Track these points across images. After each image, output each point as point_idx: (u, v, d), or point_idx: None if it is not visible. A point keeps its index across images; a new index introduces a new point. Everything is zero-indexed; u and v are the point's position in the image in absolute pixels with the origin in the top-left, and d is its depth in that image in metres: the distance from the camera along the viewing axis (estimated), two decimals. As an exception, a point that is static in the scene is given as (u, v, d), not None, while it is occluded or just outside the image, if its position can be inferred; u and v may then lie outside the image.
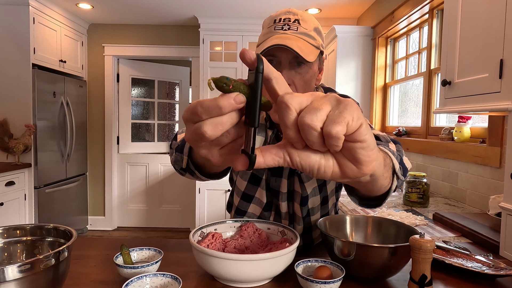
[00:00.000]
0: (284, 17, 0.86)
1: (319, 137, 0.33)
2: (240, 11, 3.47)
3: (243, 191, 1.05)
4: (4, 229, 0.71)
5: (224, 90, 0.35)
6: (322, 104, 0.33)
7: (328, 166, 0.36)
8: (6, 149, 2.95)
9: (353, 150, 0.34)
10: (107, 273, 0.79)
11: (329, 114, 0.32)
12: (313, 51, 0.84)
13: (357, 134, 0.33)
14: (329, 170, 0.36)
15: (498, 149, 1.54)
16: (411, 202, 1.70)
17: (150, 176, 4.32)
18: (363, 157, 0.35)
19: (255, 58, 0.33)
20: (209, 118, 0.35)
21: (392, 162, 0.58)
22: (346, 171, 0.36)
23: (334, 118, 0.32)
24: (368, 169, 0.36)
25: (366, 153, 0.35)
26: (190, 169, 0.69)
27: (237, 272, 0.68)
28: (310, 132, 0.32)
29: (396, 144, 0.73)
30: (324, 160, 0.36)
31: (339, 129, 0.31)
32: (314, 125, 0.32)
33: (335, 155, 0.36)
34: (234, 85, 0.35)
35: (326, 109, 0.33)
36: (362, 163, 0.35)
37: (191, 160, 0.67)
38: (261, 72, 0.33)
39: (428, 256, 0.66)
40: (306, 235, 1.06)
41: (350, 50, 3.13)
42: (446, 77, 1.34)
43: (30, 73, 3.08)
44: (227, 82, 0.34)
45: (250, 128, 0.35)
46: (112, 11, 3.63)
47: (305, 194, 0.98)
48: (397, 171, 0.58)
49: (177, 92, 4.69)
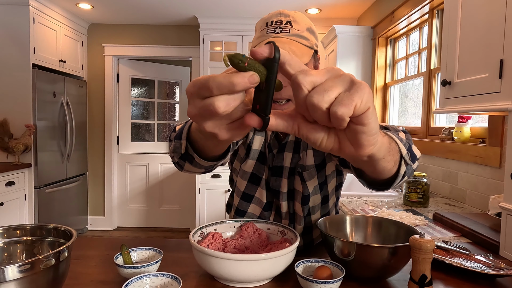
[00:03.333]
0: (276, 20, 0.86)
1: (325, 115, 0.34)
2: (240, 11, 3.47)
3: (243, 191, 1.05)
4: (4, 229, 0.71)
5: (239, 68, 0.35)
6: (333, 86, 0.34)
7: (329, 141, 0.38)
8: (6, 149, 2.95)
9: (355, 132, 0.36)
10: (107, 273, 0.79)
11: (339, 95, 0.34)
12: (306, 52, 0.85)
13: (363, 117, 0.35)
14: (330, 145, 0.38)
15: (498, 149, 1.54)
16: (411, 202, 1.70)
17: (150, 176, 4.32)
18: (362, 141, 0.37)
19: (270, 49, 0.35)
20: (221, 94, 0.36)
21: (398, 147, 0.59)
22: (344, 149, 0.38)
23: (343, 100, 0.33)
24: (365, 152, 0.38)
25: (366, 138, 0.36)
26: (189, 155, 0.67)
27: (237, 272, 0.68)
28: (316, 111, 0.34)
29: (406, 134, 0.74)
30: (327, 136, 0.38)
31: (344, 111, 0.33)
32: (320, 105, 0.33)
33: (337, 132, 0.38)
34: (249, 62, 0.35)
35: (336, 91, 0.34)
36: (360, 146, 0.37)
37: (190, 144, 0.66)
38: (277, 61, 0.35)
39: (428, 256, 0.66)
40: (306, 235, 1.06)
41: (350, 50, 3.13)
42: (446, 77, 1.34)
43: (30, 73, 3.08)
44: (242, 59, 0.35)
45: (266, 91, 0.36)
46: (112, 11, 3.63)
47: (306, 193, 0.98)
48: (404, 156, 0.59)
49: (177, 92, 4.69)
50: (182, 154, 0.69)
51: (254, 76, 0.35)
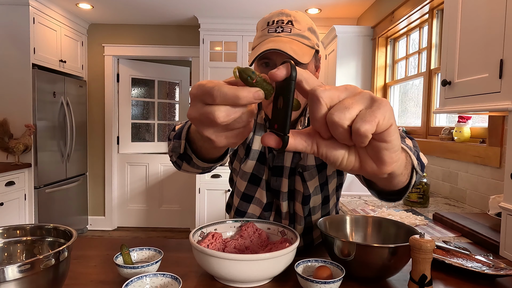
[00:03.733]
0: (277, 19, 0.86)
1: (346, 133, 0.33)
2: (240, 11, 3.47)
3: (243, 191, 1.04)
4: (4, 229, 0.71)
5: (247, 83, 0.35)
6: (354, 103, 0.33)
7: (350, 160, 0.37)
8: (6, 149, 2.95)
9: (378, 149, 0.35)
10: (107, 273, 0.79)
11: (361, 112, 0.33)
12: (307, 52, 0.84)
13: (385, 134, 0.34)
14: (350, 164, 0.37)
15: (498, 149, 1.54)
16: (411, 202, 1.70)
17: (150, 176, 4.32)
18: (385, 158, 0.36)
19: (287, 68, 0.34)
20: (224, 104, 0.35)
21: (411, 159, 0.59)
22: (366, 167, 0.37)
23: (366, 117, 0.32)
24: (387, 169, 0.37)
25: (389, 154, 0.35)
26: (187, 156, 0.67)
27: (237, 272, 0.68)
28: (337, 129, 0.33)
29: (412, 140, 0.74)
30: (347, 154, 0.37)
31: (368, 128, 0.32)
32: (341, 122, 0.33)
33: (358, 150, 0.37)
34: (258, 80, 0.35)
35: (357, 108, 0.33)
36: (383, 163, 0.36)
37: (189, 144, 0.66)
38: (294, 79, 0.34)
39: (428, 256, 0.66)
40: (306, 235, 1.06)
41: (350, 50, 3.13)
42: (446, 77, 1.34)
43: (30, 73, 3.08)
44: (251, 76, 0.35)
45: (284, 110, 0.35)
46: (112, 11, 3.63)
47: (307, 193, 0.98)
48: (415, 167, 0.59)
49: (177, 92, 4.69)
50: (180, 154, 0.69)
51: (259, 93, 0.35)
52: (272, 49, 0.79)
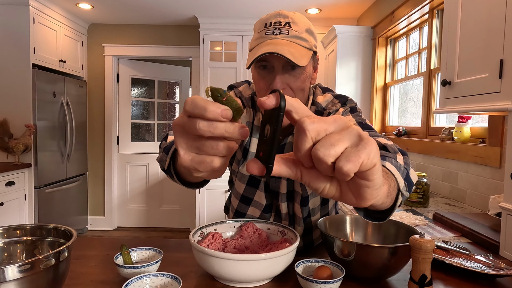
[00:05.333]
0: (274, 21, 0.85)
1: (329, 168, 0.34)
2: (240, 11, 3.47)
3: (241, 193, 1.04)
4: (4, 229, 0.71)
5: (217, 101, 0.37)
6: (340, 140, 0.33)
7: (331, 190, 0.38)
8: (6, 149, 2.94)
9: (359, 186, 0.36)
10: (107, 273, 0.79)
11: (346, 150, 0.33)
12: (305, 54, 0.83)
13: (368, 173, 0.34)
14: (331, 193, 0.38)
15: (498, 149, 1.54)
16: (411, 202, 1.70)
17: (150, 176, 4.32)
18: (365, 195, 0.36)
19: (277, 100, 0.34)
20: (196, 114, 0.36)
21: (397, 183, 0.57)
22: (346, 199, 0.38)
23: (350, 156, 0.32)
24: (366, 204, 0.38)
25: (370, 192, 0.36)
26: (170, 172, 0.69)
27: (237, 272, 0.68)
28: (321, 164, 0.33)
29: (404, 156, 0.72)
30: (329, 184, 0.37)
31: (350, 167, 0.32)
32: (325, 159, 0.33)
33: (340, 182, 0.38)
34: (228, 99, 0.36)
35: (342, 146, 0.33)
36: (362, 199, 0.37)
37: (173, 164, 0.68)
38: (282, 111, 0.34)
39: (428, 256, 0.66)
40: (306, 236, 1.06)
41: (350, 50, 3.13)
42: (446, 77, 1.34)
43: (30, 73, 3.08)
44: (222, 94, 0.36)
45: (271, 139, 0.35)
46: (112, 11, 3.63)
47: (305, 194, 0.97)
48: (401, 189, 0.58)
49: (177, 92, 4.69)
50: (164, 170, 0.71)
51: (227, 112, 0.36)
52: (270, 52, 0.78)
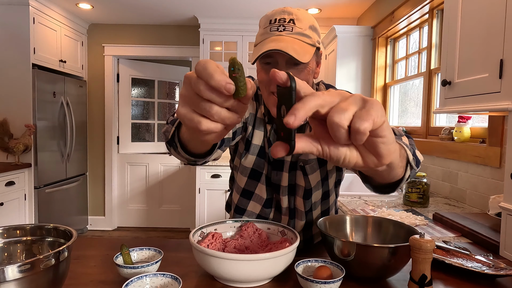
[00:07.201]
0: (279, 17, 0.87)
1: (345, 133, 0.36)
2: (240, 11, 3.47)
3: (243, 187, 1.05)
4: (4, 229, 0.71)
5: (229, 73, 0.38)
6: (349, 105, 0.37)
7: (352, 157, 0.40)
8: (6, 149, 2.95)
9: (375, 144, 0.39)
10: (107, 273, 0.79)
11: (357, 113, 0.36)
12: (308, 50, 0.86)
13: (380, 130, 0.37)
14: (353, 160, 0.40)
15: (498, 149, 1.54)
16: (411, 202, 1.70)
17: (150, 176, 4.32)
18: (383, 151, 0.39)
19: (286, 78, 0.37)
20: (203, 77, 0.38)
21: (406, 153, 0.63)
22: (368, 161, 0.41)
23: (362, 116, 0.36)
24: (387, 161, 0.41)
25: (386, 147, 0.39)
26: (173, 143, 0.68)
27: (237, 272, 0.68)
28: (339, 130, 0.36)
29: (409, 138, 0.77)
30: (349, 151, 0.40)
31: (366, 126, 0.35)
32: (341, 123, 0.36)
33: (358, 147, 0.40)
34: (238, 76, 0.38)
35: (353, 109, 0.36)
36: (382, 156, 0.40)
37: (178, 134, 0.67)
38: (294, 90, 0.37)
39: (428, 256, 0.66)
40: (306, 231, 1.07)
41: (350, 50, 3.13)
42: (446, 77, 1.34)
43: (30, 73, 3.07)
44: (235, 69, 0.38)
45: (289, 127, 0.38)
46: (112, 11, 3.63)
47: (308, 187, 0.99)
48: (410, 161, 0.63)
49: (177, 92, 4.69)
50: (168, 140, 0.70)
51: (230, 86, 0.37)
52: (273, 49, 0.81)
